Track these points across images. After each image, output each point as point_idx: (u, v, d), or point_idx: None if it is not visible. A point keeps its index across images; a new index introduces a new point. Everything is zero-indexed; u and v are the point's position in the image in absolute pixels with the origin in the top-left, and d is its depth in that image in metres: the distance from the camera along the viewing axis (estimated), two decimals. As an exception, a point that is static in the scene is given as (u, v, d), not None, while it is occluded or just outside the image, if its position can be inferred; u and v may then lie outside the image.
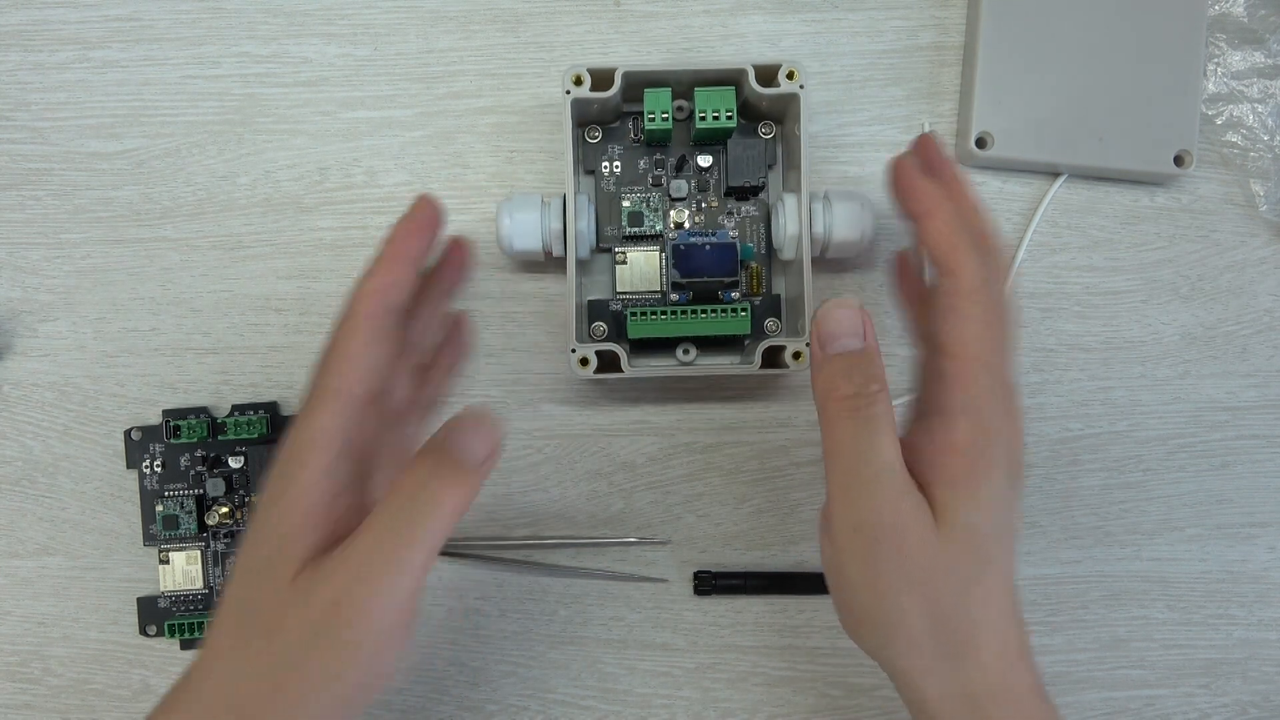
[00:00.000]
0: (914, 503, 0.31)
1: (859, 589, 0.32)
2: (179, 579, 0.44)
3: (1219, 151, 0.47)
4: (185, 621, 0.44)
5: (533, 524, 0.45)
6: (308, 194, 0.45)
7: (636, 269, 0.44)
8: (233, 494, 0.44)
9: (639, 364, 0.44)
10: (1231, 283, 0.46)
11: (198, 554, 0.44)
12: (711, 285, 0.43)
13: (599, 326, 0.44)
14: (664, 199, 0.44)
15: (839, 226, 0.42)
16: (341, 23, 0.46)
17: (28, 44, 0.46)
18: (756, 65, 0.41)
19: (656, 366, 0.44)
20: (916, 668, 0.31)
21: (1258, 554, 0.46)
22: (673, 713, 0.45)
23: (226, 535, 0.44)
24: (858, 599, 0.32)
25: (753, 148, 0.43)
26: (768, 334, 0.44)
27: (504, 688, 0.45)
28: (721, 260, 0.42)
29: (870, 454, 0.31)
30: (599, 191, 0.45)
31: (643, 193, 0.44)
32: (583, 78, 0.41)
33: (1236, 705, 0.45)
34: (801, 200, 0.41)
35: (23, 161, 0.45)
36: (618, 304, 0.44)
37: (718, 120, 0.41)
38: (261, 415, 0.43)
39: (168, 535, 0.44)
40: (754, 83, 0.41)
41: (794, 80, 0.41)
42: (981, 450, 0.31)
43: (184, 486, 0.44)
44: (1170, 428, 0.46)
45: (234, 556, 0.43)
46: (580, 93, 0.41)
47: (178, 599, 0.44)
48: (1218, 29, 0.46)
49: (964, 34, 0.46)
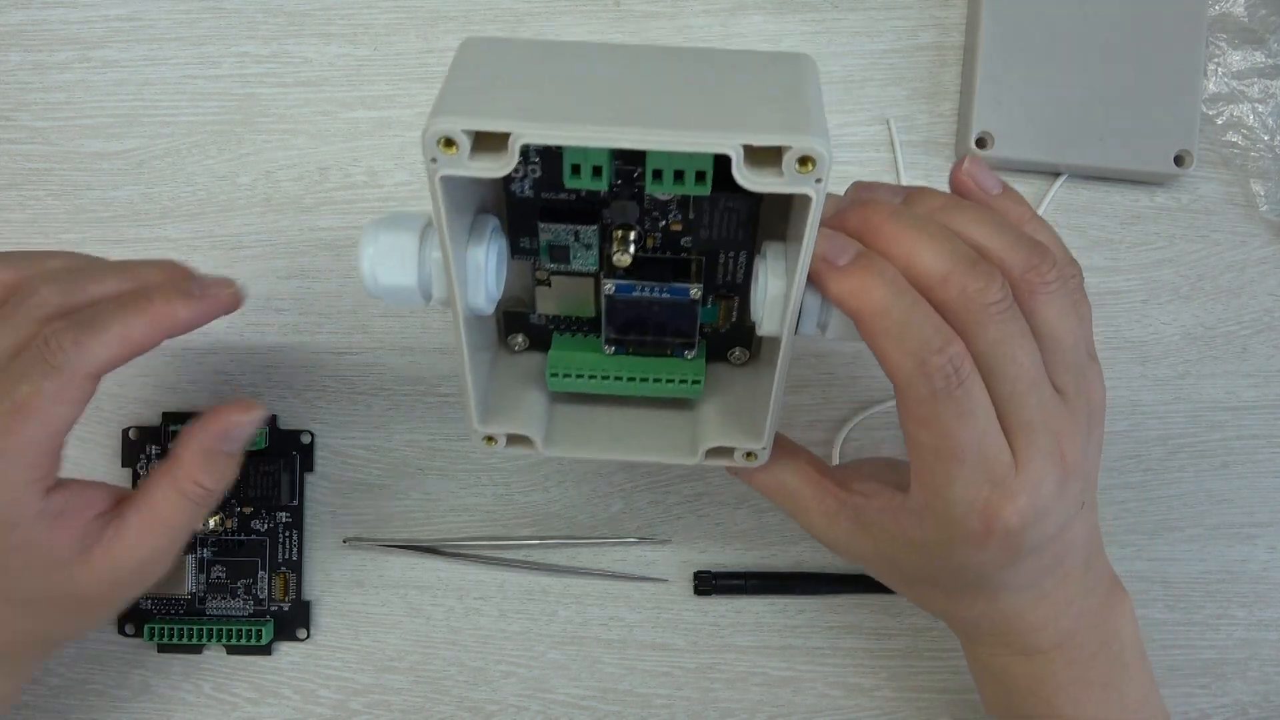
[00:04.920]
0: None
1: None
2: (162, 583, 0.43)
3: (1219, 151, 0.46)
4: (164, 626, 0.43)
5: (533, 524, 0.45)
6: (308, 194, 0.45)
7: (563, 293, 0.34)
8: (226, 503, 0.43)
9: (564, 428, 0.35)
10: (1231, 283, 0.46)
11: (185, 560, 0.44)
12: (660, 344, 0.34)
13: (518, 340, 0.36)
14: (602, 224, 0.31)
15: (837, 327, 0.30)
16: (341, 23, 0.46)
17: (28, 44, 0.46)
18: (749, 146, 0.25)
19: (582, 445, 0.35)
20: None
21: (1258, 554, 0.46)
22: (673, 713, 0.45)
23: (214, 543, 0.44)
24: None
25: (733, 209, 0.30)
26: (731, 362, 0.37)
27: (504, 688, 0.45)
28: (674, 321, 0.32)
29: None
30: (509, 196, 0.31)
31: (570, 215, 0.31)
32: (456, 141, 0.25)
33: (1236, 705, 0.45)
34: (789, 306, 0.29)
35: (23, 161, 0.45)
36: (540, 319, 0.35)
37: (681, 184, 0.27)
38: (260, 427, 0.43)
39: None
40: (741, 170, 0.25)
41: (808, 171, 0.25)
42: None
43: None
44: (1170, 428, 0.46)
45: (221, 565, 0.44)
46: (455, 164, 0.25)
47: (160, 602, 0.44)
48: (1218, 29, 0.46)
49: (964, 34, 0.46)
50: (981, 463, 0.29)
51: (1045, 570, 0.32)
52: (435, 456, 0.45)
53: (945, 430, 0.28)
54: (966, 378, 0.28)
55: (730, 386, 0.36)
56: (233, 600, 0.44)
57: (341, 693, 0.45)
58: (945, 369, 0.28)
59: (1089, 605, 0.34)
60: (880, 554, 0.33)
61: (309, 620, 0.45)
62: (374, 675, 0.45)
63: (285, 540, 0.44)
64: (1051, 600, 0.33)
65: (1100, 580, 0.34)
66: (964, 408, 0.28)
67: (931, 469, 0.29)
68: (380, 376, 0.45)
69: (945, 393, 0.28)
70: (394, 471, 0.45)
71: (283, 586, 0.44)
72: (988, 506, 0.29)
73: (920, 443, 0.29)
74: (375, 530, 0.45)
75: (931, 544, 0.31)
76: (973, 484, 0.29)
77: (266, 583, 0.44)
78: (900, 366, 0.28)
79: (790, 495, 0.34)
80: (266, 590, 0.44)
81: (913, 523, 0.31)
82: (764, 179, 0.25)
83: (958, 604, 0.34)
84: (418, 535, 0.45)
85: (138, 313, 0.30)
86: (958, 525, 0.29)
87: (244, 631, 0.43)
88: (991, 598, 0.32)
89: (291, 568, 0.44)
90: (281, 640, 0.44)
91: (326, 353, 0.45)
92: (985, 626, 0.34)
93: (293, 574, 0.44)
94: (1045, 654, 0.33)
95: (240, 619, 0.44)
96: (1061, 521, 0.30)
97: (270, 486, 0.43)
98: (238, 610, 0.44)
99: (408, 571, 0.45)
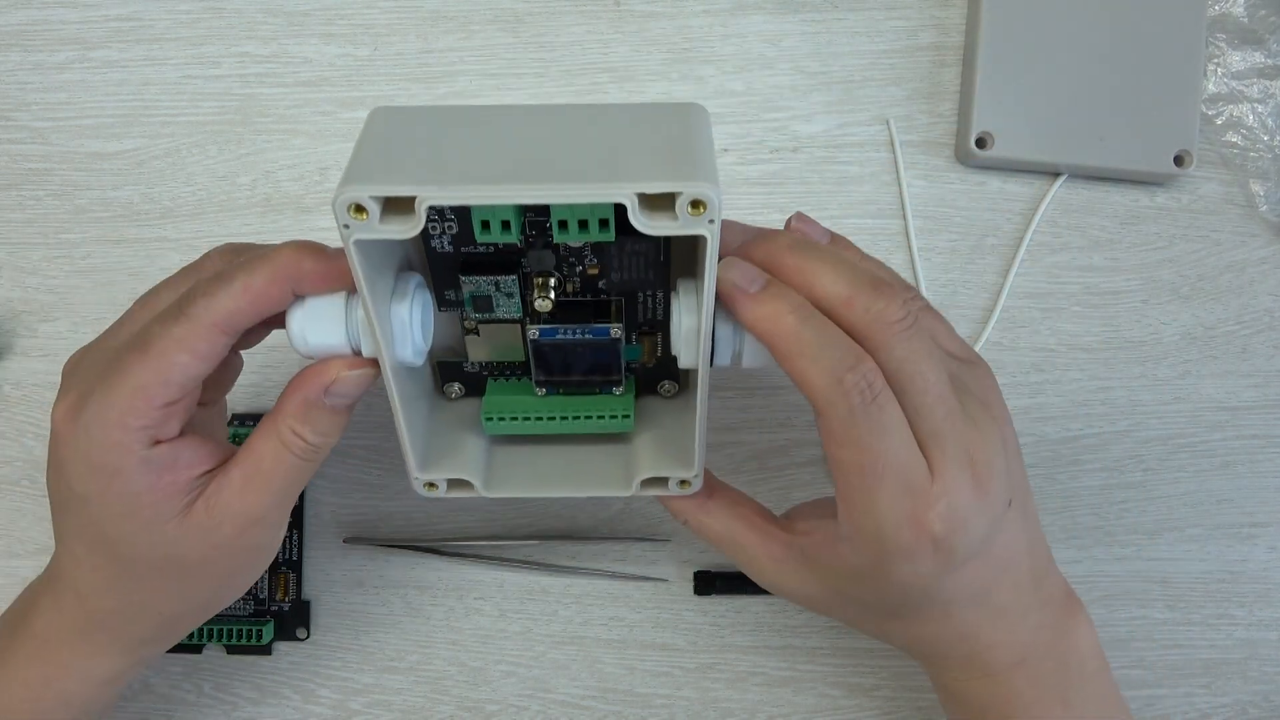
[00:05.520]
0: None
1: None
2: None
3: (1219, 151, 0.47)
4: None
5: (533, 524, 0.45)
6: (308, 194, 0.45)
7: (492, 341, 0.35)
8: None
9: (504, 469, 0.36)
10: (1231, 283, 0.46)
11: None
12: (588, 383, 0.35)
13: (455, 388, 0.37)
14: (522, 272, 0.32)
15: (750, 355, 0.32)
16: (341, 23, 0.46)
17: (28, 44, 0.46)
18: (643, 194, 0.26)
19: (522, 485, 0.35)
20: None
21: (1258, 554, 0.46)
22: (673, 713, 0.45)
23: None
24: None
25: (639, 252, 0.32)
26: (661, 394, 0.37)
27: (504, 688, 0.45)
28: (599, 360, 0.33)
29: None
30: (430, 252, 0.32)
31: (489, 267, 0.32)
32: (366, 208, 0.26)
33: (1236, 705, 0.45)
34: (700, 338, 0.30)
35: (23, 161, 0.45)
36: (473, 367, 0.36)
37: (586, 232, 0.28)
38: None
39: None
40: (637, 216, 0.26)
41: (699, 214, 0.26)
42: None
43: None
44: (1170, 428, 0.46)
45: None
46: (367, 229, 0.26)
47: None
48: (1218, 29, 0.46)
49: (964, 34, 0.46)
50: (900, 475, 0.29)
51: (991, 581, 0.32)
52: (435, 456, 0.45)
53: (864, 446, 0.29)
54: (879, 393, 0.29)
55: (661, 419, 0.37)
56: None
57: (341, 693, 0.45)
58: (860, 385, 0.29)
59: (1045, 620, 0.34)
60: (829, 590, 0.34)
61: (309, 620, 0.45)
62: (374, 675, 0.45)
63: (285, 540, 0.44)
64: (1006, 618, 0.33)
65: (1054, 595, 0.35)
66: (880, 423, 0.29)
67: (855, 488, 0.30)
68: (380, 376, 0.45)
69: (862, 409, 0.29)
70: (394, 471, 0.45)
71: (282, 586, 0.44)
72: (911, 516, 0.30)
73: (842, 462, 0.30)
74: (375, 530, 0.45)
75: (870, 567, 0.31)
76: (894, 496, 0.29)
77: (266, 583, 0.44)
78: (817, 387, 0.29)
79: (736, 543, 0.35)
80: (266, 590, 0.44)
81: (848, 549, 0.31)
82: (660, 223, 0.27)
83: (913, 627, 0.34)
84: (418, 535, 0.45)
85: (264, 263, 0.30)
86: (888, 541, 0.30)
87: (244, 631, 0.43)
88: (944, 616, 0.33)
89: (291, 567, 0.44)
90: (281, 640, 0.44)
91: (326, 353, 0.45)
92: (943, 649, 0.34)
93: (292, 574, 0.44)
94: (1005, 673, 0.34)
95: (240, 619, 0.44)
96: (987, 526, 0.31)
97: None
98: (237, 610, 0.44)
99: (408, 571, 0.45)
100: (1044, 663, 0.34)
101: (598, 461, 0.36)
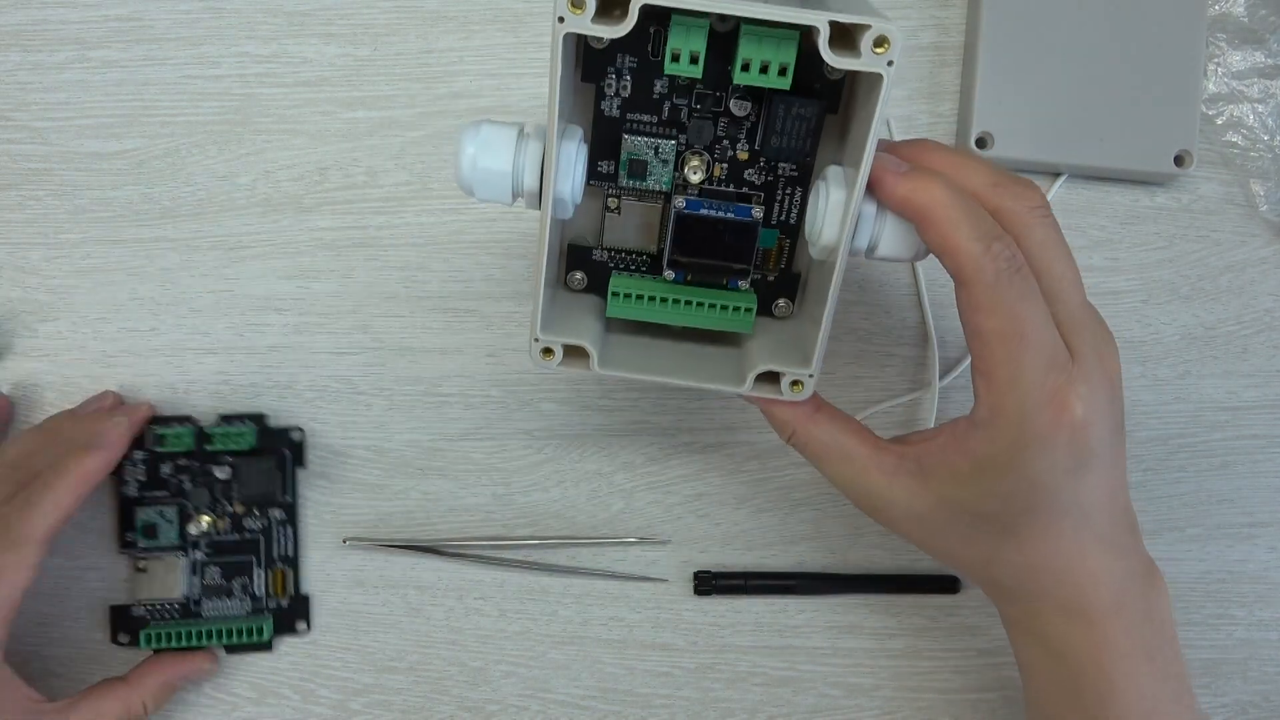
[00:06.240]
0: None
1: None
2: (155, 588, 0.44)
3: (1219, 151, 0.47)
4: (160, 631, 0.43)
5: (533, 524, 0.45)
6: (308, 194, 0.45)
7: (631, 221, 0.36)
8: (216, 503, 0.43)
9: (618, 353, 0.36)
10: (1231, 283, 0.46)
11: (177, 562, 0.43)
12: (717, 269, 0.36)
13: (577, 276, 0.37)
14: (678, 146, 0.35)
15: (888, 241, 0.32)
16: (341, 23, 0.46)
17: (27, 44, 0.46)
18: (836, 22, 0.29)
19: (634, 367, 0.35)
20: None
21: (1258, 554, 0.46)
22: (673, 713, 0.45)
23: (209, 546, 0.44)
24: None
25: (803, 116, 0.33)
26: (775, 315, 0.38)
27: (504, 688, 0.45)
28: (735, 243, 0.35)
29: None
30: (597, 115, 0.34)
31: (652, 131, 0.34)
32: (584, 3, 0.28)
33: (1236, 705, 0.45)
34: (849, 211, 0.31)
35: (23, 161, 0.45)
36: (603, 254, 0.37)
37: (765, 76, 0.30)
38: (249, 426, 0.43)
39: (147, 544, 0.43)
40: (826, 48, 0.29)
41: (883, 52, 0.29)
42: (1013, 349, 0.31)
43: (167, 495, 0.43)
44: (1170, 428, 0.46)
45: (213, 566, 0.44)
46: (579, 23, 0.29)
47: (153, 608, 0.44)
48: (1218, 29, 0.46)
49: (964, 34, 0.46)
50: (1045, 347, 0.30)
51: (1105, 500, 0.33)
52: (435, 456, 0.45)
53: (1011, 312, 0.30)
54: (1023, 265, 0.30)
55: (776, 333, 0.37)
56: (229, 600, 0.44)
57: (341, 692, 0.45)
58: (1006, 253, 0.30)
59: (1136, 568, 0.34)
60: (943, 503, 0.33)
61: (309, 614, 0.45)
62: (374, 675, 0.45)
63: (281, 537, 0.44)
64: (1110, 550, 0.33)
65: (1140, 550, 0.35)
66: (1026, 289, 0.30)
67: (999, 359, 0.30)
68: (380, 376, 0.45)
69: (1009, 275, 0.29)
70: (394, 471, 0.45)
71: (279, 582, 0.44)
72: (1056, 394, 0.30)
73: (986, 331, 0.30)
74: (375, 530, 0.45)
75: (1000, 457, 0.31)
76: (1040, 369, 0.30)
77: (263, 580, 0.44)
78: (965, 251, 0.29)
79: (845, 453, 0.34)
80: (264, 588, 0.44)
81: (981, 438, 0.31)
82: (844, 59, 0.29)
83: (1026, 546, 0.33)
84: (418, 535, 0.45)
85: (61, 477, 0.38)
86: (1028, 420, 0.30)
87: (243, 630, 0.43)
88: (1059, 532, 0.32)
89: (288, 563, 0.44)
90: (282, 634, 0.44)
91: (326, 353, 0.45)
92: (1047, 582, 0.33)
93: (289, 569, 0.44)
94: (1103, 621, 0.33)
95: (238, 618, 0.44)
96: (1113, 431, 0.32)
97: (263, 485, 0.43)
98: (235, 610, 0.44)
99: (408, 571, 0.45)
100: (1136, 613, 0.34)
101: (712, 357, 0.37)
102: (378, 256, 0.45)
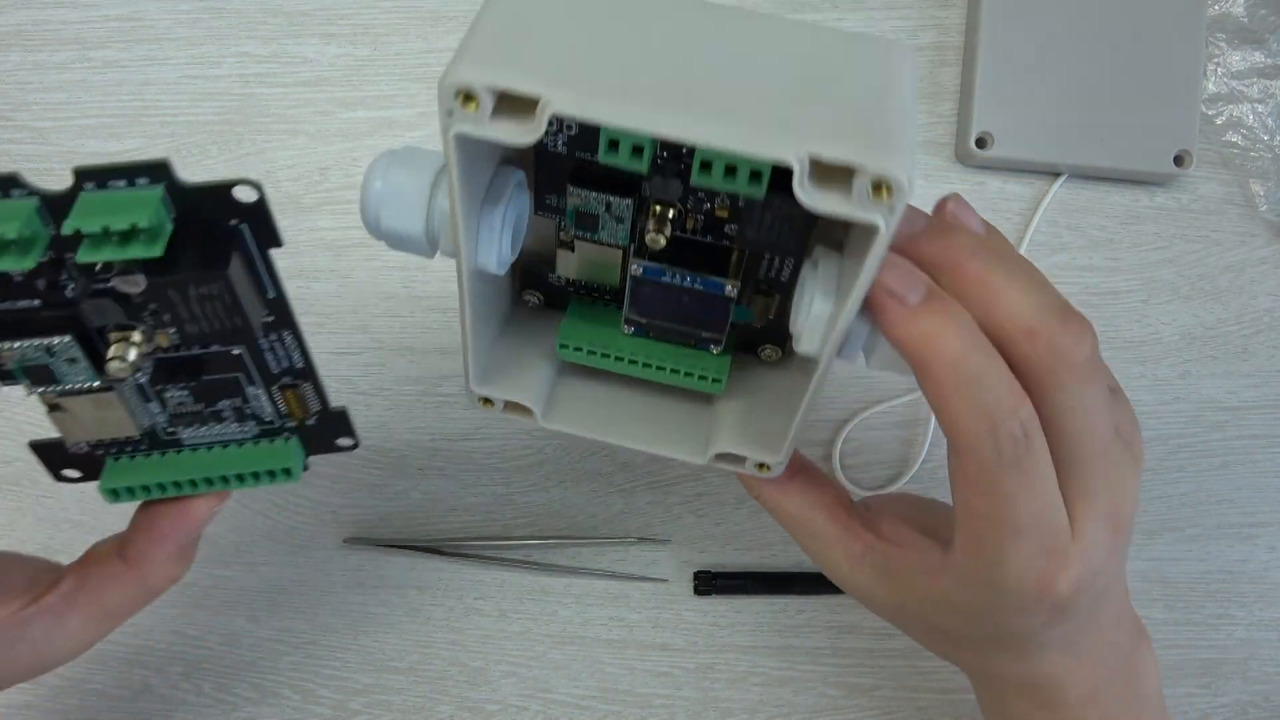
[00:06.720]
0: None
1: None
2: (92, 428, 0.30)
3: (1219, 151, 0.47)
4: (129, 463, 0.31)
5: (533, 524, 0.45)
6: (308, 194, 0.45)
7: (586, 260, 0.30)
8: (155, 318, 0.27)
9: (568, 405, 0.31)
10: (1231, 283, 0.46)
11: (112, 398, 0.29)
12: (684, 333, 0.30)
13: (532, 297, 0.33)
14: (636, 203, 0.27)
15: (883, 359, 0.27)
16: (341, 23, 0.46)
17: (28, 44, 0.46)
18: (817, 159, 0.21)
19: (584, 424, 0.31)
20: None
21: (1258, 554, 0.46)
22: (672, 713, 0.45)
23: (153, 368, 0.29)
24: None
25: (789, 216, 0.26)
26: (762, 359, 0.33)
27: (504, 688, 0.45)
28: (704, 314, 0.29)
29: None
30: (540, 147, 0.27)
31: (603, 185, 0.27)
32: (477, 97, 0.21)
33: (1236, 705, 0.45)
34: (833, 330, 0.25)
35: (23, 161, 0.45)
36: (559, 280, 0.32)
37: (732, 180, 0.23)
38: (147, 189, 0.25)
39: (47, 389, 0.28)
40: (805, 185, 0.21)
41: (882, 199, 0.21)
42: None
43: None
44: (1170, 428, 0.46)
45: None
46: (473, 124, 0.22)
47: (109, 447, 0.31)
48: (1218, 29, 0.46)
49: (964, 34, 0.46)
50: (1040, 535, 0.26)
51: (1084, 628, 0.30)
52: (435, 456, 0.45)
53: (1006, 501, 0.26)
54: (1033, 443, 0.25)
55: (756, 385, 0.32)
56: (218, 425, 0.31)
57: (341, 693, 0.45)
58: (1015, 434, 0.25)
59: (1119, 655, 0.32)
60: (905, 607, 0.31)
61: (351, 427, 0.32)
62: (374, 675, 0.45)
63: (275, 347, 0.29)
64: (1087, 659, 0.31)
65: (1127, 628, 0.33)
66: (1029, 478, 0.26)
67: (985, 540, 0.27)
68: (380, 376, 0.45)
69: (1012, 461, 0.25)
70: (394, 471, 0.45)
71: (293, 403, 0.31)
72: (1042, 577, 0.27)
73: (975, 510, 0.26)
74: (375, 530, 0.45)
75: (973, 608, 0.29)
76: (1029, 556, 0.26)
77: (269, 401, 0.31)
78: (968, 430, 0.25)
79: (812, 531, 0.32)
80: (271, 407, 0.31)
81: (954, 586, 0.29)
82: (829, 199, 0.21)
83: (988, 662, 0.32)
84: (418, 535, 0.45)
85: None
86: (1009, 595, 0.27)
87: (260, 455, 0.32)
88: (1031, 657, 0.31)
89: (300, 376, 0.30)
90: (321, 454, 0.32)
91: (326, 353, 0.45)
92: (1015, 681, 0.32)
93: (304, 382, 0.30)
94: (1078, 706, 0.32)
95: (244, 442, 0.32)
96: (1107, 581, 0.29)
97: (221, 317, 0.26)
98: (234, 434, 0.31)
99: (408, 571, 0.45)
100: (1112, 691, 0.32)
101: (673, 417, 0.32)
102: (378, 256, 0.45)
